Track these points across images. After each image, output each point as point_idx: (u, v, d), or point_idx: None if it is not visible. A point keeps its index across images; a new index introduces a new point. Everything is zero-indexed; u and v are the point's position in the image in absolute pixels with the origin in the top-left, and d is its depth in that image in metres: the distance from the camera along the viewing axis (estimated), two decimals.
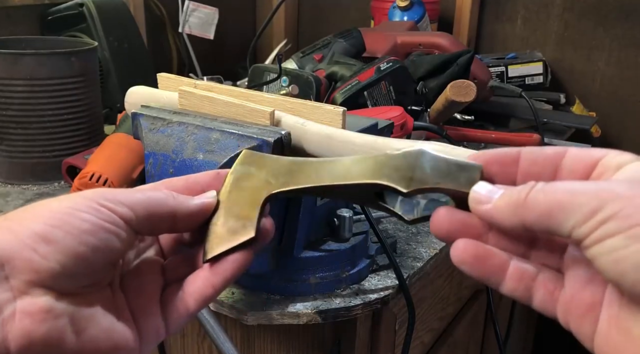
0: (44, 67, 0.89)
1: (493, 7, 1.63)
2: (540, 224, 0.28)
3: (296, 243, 0.64)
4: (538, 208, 0.28)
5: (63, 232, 0.30)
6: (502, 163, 0.32)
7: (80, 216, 0.31)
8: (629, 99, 1.52)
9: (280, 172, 0.37)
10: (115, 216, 0.32)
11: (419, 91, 1.11)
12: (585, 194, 0.27)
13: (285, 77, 1.05)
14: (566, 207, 0.27)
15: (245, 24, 1.80)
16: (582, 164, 0.30)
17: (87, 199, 0.32)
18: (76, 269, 0.30)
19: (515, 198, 0.29)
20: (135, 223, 0.33)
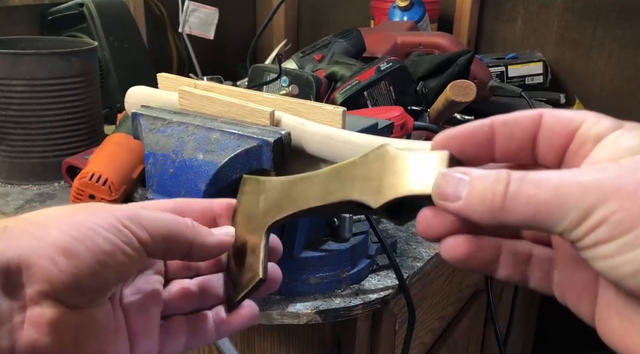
0: (44, 67, 0.89)
1: (493, 7, 1.63)
2: (524, 226, 0.26)
3: (296, 243, 0.64)
4: (520, 211, 0.25)
5: (84, 249, 0.30)
6: (475, 144, 0.29)
7: (103, 234, 0.31)
8: (629, 99, 1.52)
9: (273, 198, 0.37)
10: (135, 239, 0.32)
11: (419, 91, 1.10)
12: (572, 194, 0.25)
13: (285, 77, 1.05)
14: (554, 211, 0.25)
15: (245, 24, 1.80)
16: (559, 135, 0.28)
17: (112, 217, 0.32)
18: (89, 286, 0.30)
19: (491, 197, 0.26)
20: (152, 249, 0.33)
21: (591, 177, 0.25)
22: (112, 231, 0.31)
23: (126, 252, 0.31)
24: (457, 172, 0.27)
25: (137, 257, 0.32)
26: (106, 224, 0.31)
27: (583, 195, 0.24)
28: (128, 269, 0.32)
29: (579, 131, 0.27)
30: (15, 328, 0.28)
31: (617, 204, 0.24)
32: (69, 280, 0.29)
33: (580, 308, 0.29)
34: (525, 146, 0.29)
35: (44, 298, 0.29)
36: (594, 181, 0.25)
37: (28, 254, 0.29)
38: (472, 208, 0.26)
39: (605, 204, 0.24)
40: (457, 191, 0.27)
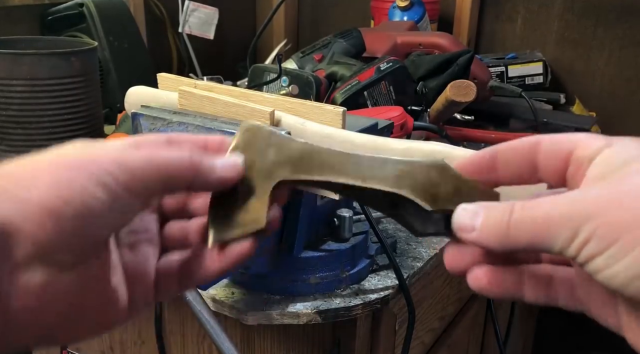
0: (44, 67, 0.89)
1: (493, 7, 1.63)
2: (529, 249, 0.29)
3: (296, 243, 0.64)
4: (522, 237, 0.29)
5: (72, 209, 0.28)
6: (480, 172, 0.33)
7: (91, 191, 0.29)
8: (629, 99, 1.52)
9: (291, 156, 0.35)
10: (126, 193, 0.30)
11: (419, 91, 1.10)
12: (561, 217, 0.28)
13: (285, 77, 1.05)
14: (548, 234, 0.28)
15: (245, 24, 1.80)
16: (555, 160, 0.31)
17: (101, 170, 0.30)
18: (81, 246, 0.29)
19: (498, 226, 0.29)
20: (147, 196, 0.32)
21: (577, 198, 0.28)
22: (101, 186, 0.29)
23: (118, 206, 0.30)
24: (473, 206, 0.31)
25: (131, 208, 0.31)
26: (95, 179, 0.29)
27: (570, 216, 0.27)
28: (122, 221, 0.31)
29: (573, 155, 0.30)
30: (6, 294, 0.28)
31: (599, 220, 0.26)
32: (58, 242, 0.28)
33: (608, 321, 0.30)
34: (525, 171, 0.32)
35: (33, 262, 0.28)
36: (579, 201, 0.28)
37: (13, 218, 0.27)
38: (485, 237, 0.30)
39: (589, 222, 0.27)
40: (472, 223, 0.30)
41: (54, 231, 0.28)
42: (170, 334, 0.80)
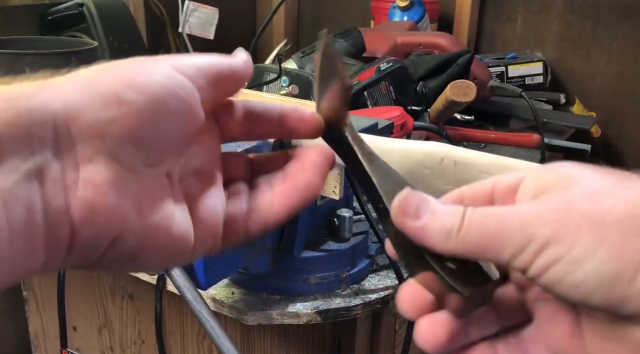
0: (44, 67, 0.88)
1: (493, 7, 1.63)
2: (474, 255, 0.28)
3: (296, 243, 0.64)
4: (472, 241, 0.27)
5: (135, 93, 0.26)
6: None
7: (155, 78, 0.27)
8: (629, 99, 1.52)
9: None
10: (189, 83, 0.28)
11: (419, 91, 1.11)
12: (513, 223, 0.26)
13: (285, 77, 1.05)
14: (498, 240, 0.27)
15: (245, 24, 1.80)
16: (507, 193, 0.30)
17: (161, 63, 0.28)
18: (145, 138, 0.27)
19: (449, 227, 0.28)
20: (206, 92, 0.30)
21: (529, 208, 0.27)
22: (163, 74, 0.28)
23: (182, 97, 0.28)
24: (421, 194, 0.29)
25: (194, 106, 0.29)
26: (156, 68, 0.28)
27: (522, 223, 0.26)
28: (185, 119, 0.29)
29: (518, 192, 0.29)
30: (70, 188, 0.25)
31: (556, 224, 0.25)
32: (122, 132, 0.26)
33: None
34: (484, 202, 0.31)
35: (98, 154, 0.25)
36: (532, 210, 0.27)
37: (74, 104, 0.25)
38: (430, 233, 0.28)
39: (545, 226, 0.26)
40: (418, 211, 0.29)
41: (117, 116, 0.26)
42: (170, 334, 0.80)
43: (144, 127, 0.26)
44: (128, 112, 0.26)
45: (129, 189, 0.26)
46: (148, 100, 0.26)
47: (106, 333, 0.88)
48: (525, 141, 1.17)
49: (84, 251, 0.26)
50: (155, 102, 0.27)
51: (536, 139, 1.15)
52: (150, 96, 0.27)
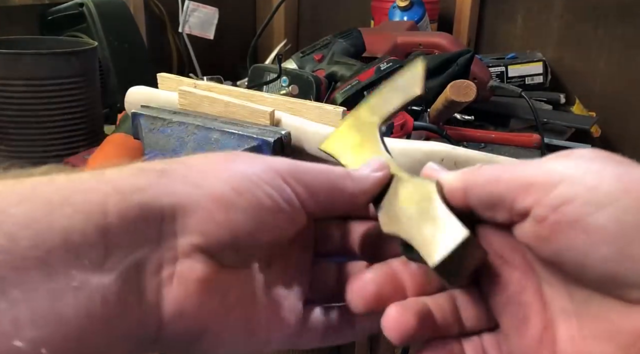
0: (43, 67, 0.89)
1: (493, 7, 1.63)
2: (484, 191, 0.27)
3: None
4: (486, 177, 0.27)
5: (244, 202, 0.27)
6: None
7: (264, 188, 0.27)
8: (629, 99, 1.52)
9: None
10: (294, 197, 0.29)
11: None
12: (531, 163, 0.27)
13: (285, 77, 1.05)
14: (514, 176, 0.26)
15: (245, 24, 1.80)
16: None
17: (273, 171, 0.28)
18: (245, 243, 0.27)
19: (467, 170, 0.29)
20: (313, 209, 0.30)
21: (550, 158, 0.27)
22: (273, 186, 0.28)
23: (285, 210, 0.28)
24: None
25: (296, 217, 0.29)
26: (268, 177, 0.28)
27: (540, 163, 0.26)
28: (285, 230, 0.29)
29: None
30: (164, 282, 0.25)
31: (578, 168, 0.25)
32: (225, 235, 0.26)
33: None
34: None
35: (196, 252, 0.26)
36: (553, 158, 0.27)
37: (185, 202, 0.26)
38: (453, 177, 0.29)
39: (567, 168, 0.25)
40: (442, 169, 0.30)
41: (223, 221, 0.26)
42: None
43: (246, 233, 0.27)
44: (234, 218, 0.27)
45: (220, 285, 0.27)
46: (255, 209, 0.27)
47: None
48: (525, 141, 1.17)
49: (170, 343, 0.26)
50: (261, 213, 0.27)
51: (536, 139, 1.15)
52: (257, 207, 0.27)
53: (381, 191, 0.32)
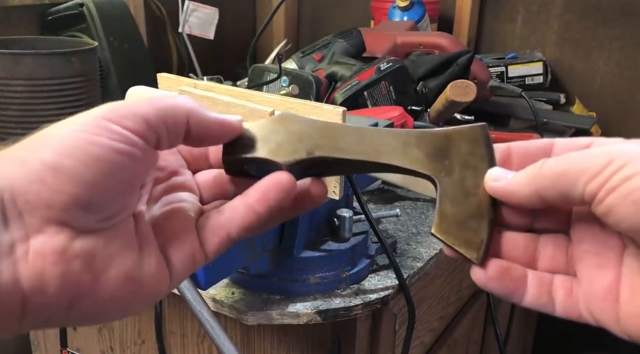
0: (44, 67, 0.89)
1: (493, 7, 1.63)
2: (554, 188, 0.29)
3: (296, 243, 0.64)
4: (552, 172, 0.29)
5: (72, 161, 0.27)
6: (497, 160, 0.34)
7: (89, 139, 0.27)
8: (629, 99, 1.52)
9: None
10: (129, 132, 0.28)
11: (419, 91, 1.11)
12: (594, 153, 0.29)
13: (285, 77, 1.05)
14: (579, 166, 0.28)
15: (245, 24, 1.80)
16: (573, 150, 0.32)
17: (97, 118, 0.28)
18: (91, 201, 0.27)
19: (531, 170, 0.31)
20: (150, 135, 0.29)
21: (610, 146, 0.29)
22: (99, 133, 0.28)
23: (122, 150, 0.28)
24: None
25: (139, 153, 0.29)
26: (92, 127, 0.28)
27: (604, 151, 0.28)
28: (132, 169, 0.29)
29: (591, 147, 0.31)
30: (18, 259, 0.26)
31: (635, 153, 0.27)
32: (67, 199, 0.26)
33: (606, 312, 0.30)
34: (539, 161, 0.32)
35: (46, 224, 0.26)
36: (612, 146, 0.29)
37: (17, 181, 0.26)
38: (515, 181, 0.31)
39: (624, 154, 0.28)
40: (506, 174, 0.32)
41: (60, 186, 0.26)
42: (170, 334, 0.80)
43: (89, 191, 0.27)
44: (69, 180, 0.27)
45: (82, 251, 0.27)
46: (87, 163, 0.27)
47: (106, 332, 0.88)
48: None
49: (39, 317, 0.27)
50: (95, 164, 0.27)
51: (536, 139, 1.15)
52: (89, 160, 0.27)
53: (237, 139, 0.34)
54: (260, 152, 0.35)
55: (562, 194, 0.29)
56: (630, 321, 0.29)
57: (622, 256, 0.30)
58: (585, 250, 0.31)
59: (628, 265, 0.30)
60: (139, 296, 0.30)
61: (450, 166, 0.34)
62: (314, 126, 0.35)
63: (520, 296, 0.32)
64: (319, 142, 0.35)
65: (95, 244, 0.28)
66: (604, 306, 0.30)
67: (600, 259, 0.30)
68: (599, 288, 0.30)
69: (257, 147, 0.35)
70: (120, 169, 0.28)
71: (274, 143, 0.35)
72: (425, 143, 0.34)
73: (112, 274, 0.28)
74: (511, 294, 0.32)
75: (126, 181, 0.29)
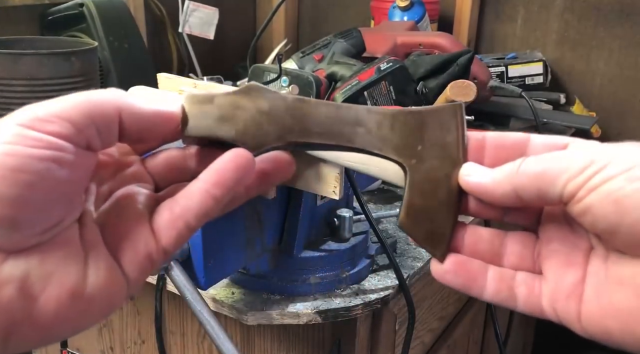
0: (44, 67, 0.89)
1: (493, 7, 1.63)
2: (532, 187, 0.29)
3: (296, 243, 0.64)
4: (531, 171, 0.29)
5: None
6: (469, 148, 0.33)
7: (4, 149, 0.24)
8: (629, 99, 1.52)
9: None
10: (51, 137, 0.25)
11: (419, 91, 1.10)
12: (575, 153, 0.29)
13: (285, 77, 1.05)
14: (559, 166, 0.28)
15: (245, 24, 1.80)
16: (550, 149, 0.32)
17: (10, 125, 0.25)
18: (16, 218, 0.24)
19: (509, 168, 0.30)
20: (80, 137, 0.26)
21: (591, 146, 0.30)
22: (14, 141, 0.24)
23: (44, 156, 0.25)
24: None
25: (69, 157, 0.26)
26: (6, 135, 0.25)
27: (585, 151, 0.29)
28: (60, 175, 0.25)
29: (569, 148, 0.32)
30: None
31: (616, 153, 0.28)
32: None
33: (569, 310, 0.30)
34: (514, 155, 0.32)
35: None
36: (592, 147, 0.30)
37: None
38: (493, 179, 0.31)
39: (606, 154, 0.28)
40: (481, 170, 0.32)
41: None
42: (170, 334, 0.80)
43: (13, 209, 0.24)
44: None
45: (13, 276, 0.24)
46: (5, 179, 0.24)
47: (106, 332, 0.88)
48: None
49: None
50: (15, 178, 0.24)
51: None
52: (7, 174, 0.24)
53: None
54: (227, 133, 0.32)
55: (539, 193, 0.29)
56: (592, 320, 0.29)
57: (589, 256, 0.30)
58: (554, 249, 0.31)
59: (594, 265, 0.30)
60: (89, 312, 0.27)
61: (422, 151, 0.33)
62: (284, 102, 0.33)
63: (479, 290, 0.32)
64: (290, 125, 0.33)
65: (27, 265, 0.25)
66: (568, 303, 0.30)
67: (568, 258, 0.31)
68: (564, 285, 0.30)
69: (221, 125, 0.32)
70: (47, 178, 0.25)
71: (241, 123, 0.32)
72: (400, 124, 0.33)
73: (52, 294, 0.26)
74: (469, 288, 0.32)
75: (59, 189, 0.26)
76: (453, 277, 0.32)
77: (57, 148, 0.25)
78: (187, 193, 0.30)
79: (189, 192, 0.30)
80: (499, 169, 0.31)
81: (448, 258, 0.32)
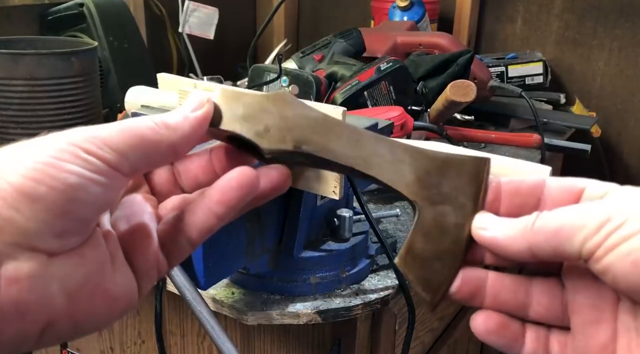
0: (44, 67, 0.89)
1: (493, 7, 1.63)
2: (548, 245, 0.29)
3: (296, 243, 0.64)
4: (547, 229, 0.29)
5: (47, 188, 0.26)
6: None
7: (65, 167, 0.27)
8: (629, 99, 1.52)
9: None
10: (102, 164, 0.28)
11: (419, 91, 1.11)
12: (591, 209, 0.28)
13: (285, 77, 1.05)
14: (575, 223, 0.28)
15: (245, 24, 1.80)
16: (566, 194, 0.31)
17: (70, 146, 0.28)
18: (64, 227, 0.27)
19: (524, 224, 0.30)
20: (126, 167, 0.29)
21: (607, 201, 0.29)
22: (75, 162, 0.28)
23: (96, 180, 0.28)
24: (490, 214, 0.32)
25: (112, 183, 0.29)
26: (67, 155, 0.28)
27: (601, 208, 0.28)
28: (105, 198, 0.29)
29: (585, 192, 0.31)
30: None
31: (634, 210, 0.27)
32: (40, 227, 0.26)
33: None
34: (529, 202, 0.31)
35: (18, 250, 0.26)
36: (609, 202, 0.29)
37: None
38: (506, 234, 0.30)
39: (622, 212, 0.27)
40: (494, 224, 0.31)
41: (32, 214, 0.26)
42: (170, 334, 0.80)
43: (61, 218, 0.27)
44: (43, 208, 0.26)
45: (56, 274, 0.27)
46: (60, 192, 0.27)
47: (106, 332, 0.88)
48: (525, 141, 1.17)
49: (12, 343, 0.27)
50: (69, 193, 0.27)
51: (536, 139, 1.15)
52: (62, 188, 0.27)
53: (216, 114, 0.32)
54: (246, 131, 0.33)
55: (556, 251, 0.29)
56: None
57: (617, 309, 0.30)
58: (581, 303, 0.31)
59: (623, 322, 0.29)
60: (114, 310, 0.30)
61: (436, 196, 0.32)
62: (309, 116, 0.33)
63: (518, 350, 0.32)
64: (310, 137, 0.33)
65: (69, 265, 0.28)
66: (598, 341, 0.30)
67: (596, 312, 0.30)
68: (595, 346, 0.30)
69: (243, 123, 0.33)
70: (92, 197, 0.28)
71: (262, 125, 0.33)
72: (419, 165, 0.32)
73: (88, 292, 0.28)
74: (510, 348, 0.32)
75: (98, 208, 0.29)
76: (496, 338, 0.32)
77: (105, 174, 0.28)
78: (191, 211, 0.32)
79: (192, 209, 0.32)
80: (514, 223, 0.30)
81: (490, 318, 0.32)
